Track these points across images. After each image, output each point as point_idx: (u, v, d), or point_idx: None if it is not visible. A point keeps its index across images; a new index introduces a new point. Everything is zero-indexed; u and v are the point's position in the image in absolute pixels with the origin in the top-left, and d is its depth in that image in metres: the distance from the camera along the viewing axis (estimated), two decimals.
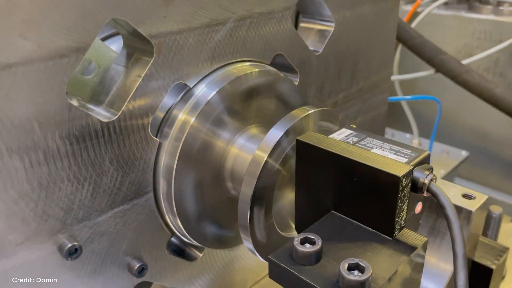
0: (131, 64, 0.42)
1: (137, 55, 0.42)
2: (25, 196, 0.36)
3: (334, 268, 0.31)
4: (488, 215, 0.61)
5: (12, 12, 0.31)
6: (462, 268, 0.31)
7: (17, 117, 0.34)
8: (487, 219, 0.61)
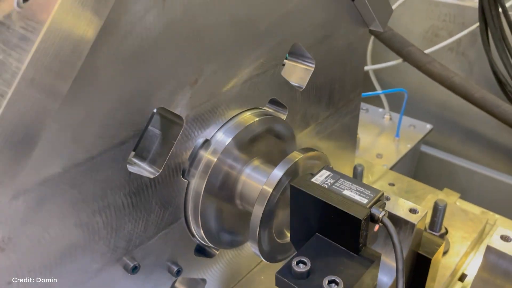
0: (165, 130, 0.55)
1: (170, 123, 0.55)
2: (104, 238, 0.51)
3: (319, 282, 0.47)
4: (435, 207, 0.78)
5: (89, 122, 0.45)
6: (401, 277, 0.47)
7: (97, 190, 0.48)
8: (434, 210, 0.78)
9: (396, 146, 1.35)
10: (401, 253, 0.48)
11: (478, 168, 1.52)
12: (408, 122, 1.46)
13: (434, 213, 0.77)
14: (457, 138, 1.56)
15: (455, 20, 1.45)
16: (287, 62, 0.70)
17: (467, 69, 1.47)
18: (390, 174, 1.10)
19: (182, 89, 0.52)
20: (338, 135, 0.86)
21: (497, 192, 1.49)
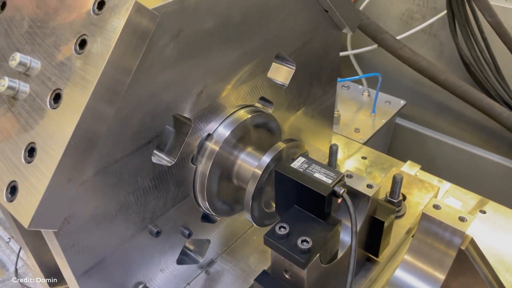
0: (178, 128, 0.71)
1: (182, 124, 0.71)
2: (135, 212, 0.67)
3: (295, 241, 0.64)
4: (393, 179, 0.95)
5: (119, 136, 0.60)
6: (354, 237, 0.65)
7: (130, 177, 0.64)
8: (393, 181, 0.95)
9: (372, 121, 1.52)
10: (355, 219, 0.66)
11: (447, 139, 1.69)
12: (384, 98, 1.62)
13: (393, 184, 0.94)
14: (429, 112, 1.73)
15: (428, 5, 1.58)
16: (273, 65, 0.85)
17: (439, 49, 1.62)
18: (364, 148, 1.27)
19: (192, 99, 0.68)
20: (319, 117, 1.02)
21: (463, 161, 1.67)
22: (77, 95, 0.51)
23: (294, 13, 0.80)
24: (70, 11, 0.55)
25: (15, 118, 0.56)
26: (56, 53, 0.55)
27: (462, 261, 0.70)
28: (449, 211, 0.70)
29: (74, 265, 0.62)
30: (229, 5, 0.66)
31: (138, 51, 0.53)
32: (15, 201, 0.53)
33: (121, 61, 0.51)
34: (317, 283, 0.69)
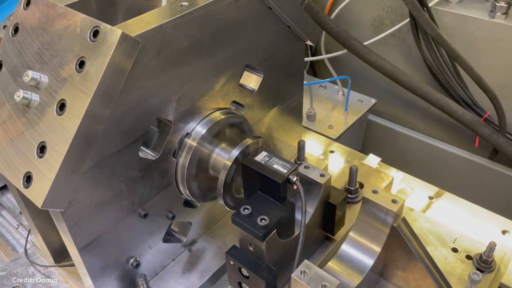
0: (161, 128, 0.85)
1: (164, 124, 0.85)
2: (126, 197, 0.82)
3: (255, 219, 0.79)
4: (350, 170, 1.10)
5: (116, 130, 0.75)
6: (304, 216, 0.79)
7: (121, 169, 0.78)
8: (350, 171, 1.10)
9: (345, 118, 1.66)
10: (305, 201, 0.80)
11: (415, 134, 1.84)
12: (357, 97, 1.76)
13: (350, 174, 1.09)
14: (399, 109, 1.87)
15: (395, 11, 1.72)
16: (244, 74, 0.99)
17: (406, 52, 1.76)
18: (334, 144, 1.41)
19: (171, 104, 0.82)
20: (289, 116, 1.16)
21: (428, 154, 1.81)
22: (78, 105, 0.65)
23: (260, 30, 0.94)
24: (71, 37, 0.69)
25: (29, 122, 0.71)
26: (61, 71, 0.69)
27: (395, 236, 0.85)
28: (384, 195, 0.84)
29: (76, 240, 0.76)
30: (200, 28, 0.80)
31: (125, 69, 0.67)
32: (30, 187, 0.67)
33: (112, 77, 0.66)
34: (277, 255, 0.84)
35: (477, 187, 1.66)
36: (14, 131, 0.72)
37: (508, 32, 1.51)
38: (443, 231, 1.03)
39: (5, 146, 0.72)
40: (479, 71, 1.53)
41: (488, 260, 0.94)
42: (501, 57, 1.55)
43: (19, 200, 0.91)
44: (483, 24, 1.55)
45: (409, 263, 0.88)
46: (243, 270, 0.85)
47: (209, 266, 1.00)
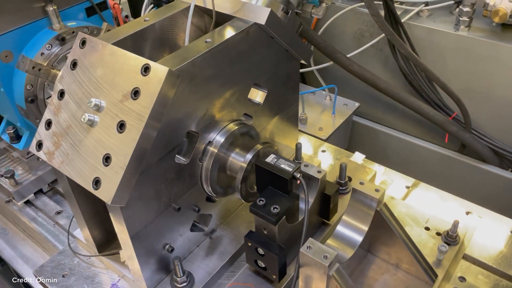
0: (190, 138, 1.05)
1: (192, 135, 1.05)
2: (164, 195, 1.01)
3: (269, 208, 0.99)
4: (340, 166, 1.31)
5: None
6: (307, 205, 1.00)
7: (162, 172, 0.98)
8: (340, 167, 1.31)
9: (333, 121, 1.88)
10: (307, 193, 1.01)
11: (394, 132, 2.06)
12: (343, 101, 1.98)
13: (340, 170, 1.30)
14: (380, 111, 2.09)
15: (374, 25, 1.93)
16: (251, 90, 1.19)
17: (384, 61, 1.98)
18: (325, 144, 1.62)
19: (198, 120, 1.02)
20: (287, 123, 1.36)
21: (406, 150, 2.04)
22: (136, 125, 0.85)
23: (264, 55, 1.14)
24: (125, 72, 0.89)
25: (93, 139, 0.90)
26: (119, 98, 0.88)
27: (378, 218, 1.06)
28: (369, 185, 1.05)
29: (129, 229, 0.96)
30: (220, 59, 1.00)
31: (169, 96, 0.87)
32: (99, 189, 0.86)
33: (160, 103, 0.85)
34: (285, 236, 1.04)
35: (448, 177, 1.89)
36: (81, 146, 0.91)
37: (470, 43, 1.75)
38: (418, 214, 1.25)
39: (73, 158, 0.91)
40: (447, 76, 1.76)
41: (453, 235, 1.17)
42: (465, 64, 1.78)
43: (73, 203, 1.10)
44: (449, 36, 1.78)
45: (391, 239, 1.10)
46: (259, 250, 1.05)
47: (227, 250, 1.20)
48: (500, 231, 1.25)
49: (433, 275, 1.10)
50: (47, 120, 0.98)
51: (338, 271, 0.92)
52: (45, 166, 1.58)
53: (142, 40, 1.09)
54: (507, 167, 1.84)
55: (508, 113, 1.76)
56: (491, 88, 1.77)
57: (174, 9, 1.14)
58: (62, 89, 0.97)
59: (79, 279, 1.19)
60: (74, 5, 1.45)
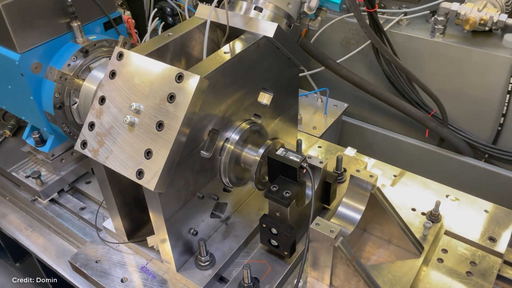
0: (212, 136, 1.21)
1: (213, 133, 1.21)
2: (191, 184, 1.17)
3: (282, 193, 1.16)
4: (337, 158, 1.48)
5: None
6: (313, 192, 1.17)
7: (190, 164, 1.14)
8: (337, 160, 1.49)
9: (325, 120, 2.05)
10: (313, 181, 1.18)
11: (380, 129, 2.25)
12: (333, 103, 2.16)
13: (337, 162, 1.47)
14: (366, 110, 2.28)
15: (359, 33, 2.12)
16: (260, 94, 1.36)
17: (369, 65, 2.18)
18: (319, 141, 1.80)
19: (218, 119, 1.18)
20: (288, 122, 1.54)
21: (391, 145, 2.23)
22: (173, 124, 1.01)
23: (271, 63, 1.31)
24: (161, 80, 1.04)
25: (135, 136, 1.05)
26: (156, 102, 1.04)
27: (373, 199, 1.23)
28: (364, 172, 1.23)
29: (164, 214, 1.11)
30: (237, 68, 1.16)
31: (200, 100, 1.03)
32: (142, 179, 1.02)
33: (193, 105, 1.01)
34: (294, 218, 1.21)
35: (429, 168, 2.08)
36: (124, 144, 1.06)
37: (445, 48, 1.95)
38: (405, 198, 1.44)
39: (117, 154, 1.07)
40: (425, 78, 1.96)
41: (436, 214, 1.35)
42: (441, 68, 1.99)
43: (109, 195, 1.25)
44: (426, 42, 1.98)
45: (383, 218, 1.27)
46: (273, 230, 1.21)
47: (241, 234, 1.36)
48: (475, 211, 1.45)
49: (420, 247, 1.28)
50: (90, 123, 1.13)
51: (342, 242, 1.10)
52: (67, 167, 1.71)
53: (165, 51, 1.25)
54: (481, 157, 2.05)
55: (480, 110, 1.97)
56: (464, 88, 1.98)
57: (191, 24, 1.30)
58: (103, 95, 1.12)
59: (111, 264, 1.34)
60: (93, 21, 1.60)
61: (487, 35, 1.94)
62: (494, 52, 1.85)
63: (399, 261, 1.27)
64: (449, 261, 1.30)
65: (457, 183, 1.59)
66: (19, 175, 1.70)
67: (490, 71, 1.87)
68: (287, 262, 1.27)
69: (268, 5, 1.28)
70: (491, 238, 1.35)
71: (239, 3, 1.30)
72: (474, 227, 1.39)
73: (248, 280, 1.18)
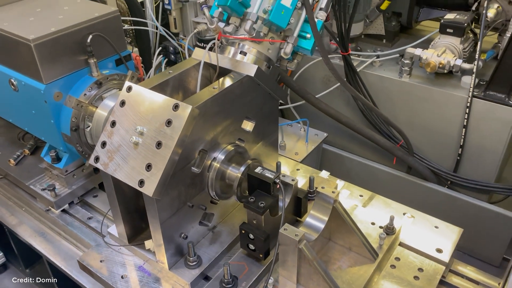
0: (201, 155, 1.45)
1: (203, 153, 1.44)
2: (182, 194, 1.40)
3: (258, 203, 1.39)
4: (310, 178, 1.71)
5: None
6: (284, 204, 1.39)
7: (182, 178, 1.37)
8: (309, 180, 1.72)
9: (306, 147, 2.29)
10: (284, 195, 1.41)
11: (356, 157, 2.49)
12: (314, 132, 2.40)
13: (309, 181, 1.70)
14: (344, 140, 2.53)
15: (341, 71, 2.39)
16: (243, 121, 1.60)
17: (346, 100, 2.43)
18: (299, 164, 2.03)
19: (207, 141, 1.42)
20: (269, 147, 1.78)
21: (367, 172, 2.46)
22: (169, 144, 1.25)
23: (253, 96, 1.56)
24: (161, 108, 1.29)
25: (138, 153, 1.29)
26: (156, 126, 1.28)
27: (335, 212, 1.46)
28: (328, 189, 1.46)
29: (160, 218, 1.34)
30: (223, 100, 1.41)
31: (192, 124, 1.28)
32: (143, 187, 1.25)
33: (186, 129, 1.26)
34: (268, 226, 1.43)
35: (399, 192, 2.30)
36: (129, 159, 1.30)
37: (411, 87, 2.21)
38: (367, 214, 1.66)
39: (124, 167, 1.30)
40: (395, 113, 2.21)
41: (391, 227, 1.57)
42: (408, 104, 2.24)
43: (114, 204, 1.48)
44: (395, 82, 2.25)
45: (344, 229, 1.49)
46: (250, 235, 1.43)
47: (225, 240, 1.58)
48: (427, 226, 1.67)
49: (375, 255, 1.50)
50: (102, 142, 1.37)
51: (306, 245, 1.31)
52: (78, 182, 1.94)
53: (166, 85, 1.51)
54: (444, 184, 2.28)
55: (442, 141, 2.21)
56: (428, 122, 2.22)
57: (188, 64, 1.56)
58: (114, 120, 1.37)
59: (113, 263, 1.55)
60: (107, 58, 1.87)
61: (448, 76, 2.21)
62: (452, 92, 2.11)
63: (357, 266, 1.49)
64: (400, 267, 1.51)
65: (423, 207, 1.80)
66: (36, 188, 1.93)
67: (449, 108, 2.12)
68: (262, 264, 1.48)
69: (251, 50, 1.54)
70: (438, 249, 1.56)
71: (228, 48, 1.57)
72: (425, 240, 1.60)
73: (227, 276, 1.39)
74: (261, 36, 1.52)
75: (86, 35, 1.72)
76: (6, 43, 1.69)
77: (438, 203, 2.22)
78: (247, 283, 1.42)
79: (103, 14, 1.78)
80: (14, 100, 1.85)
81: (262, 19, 1.50)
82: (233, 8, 1.47)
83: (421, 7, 2.44)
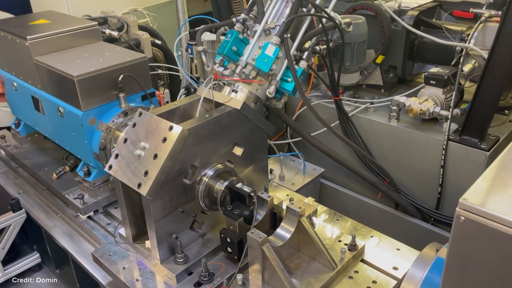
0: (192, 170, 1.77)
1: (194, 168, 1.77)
2: (175, 200, 1.71)
3: (234, 211, 1.67)
4: (290, 199, 1.97)
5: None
6: (255, 214, 1.67)
7: (174, 187, 1.69)
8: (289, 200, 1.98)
9: (303, 179, 2.56)
10: (257, 206, 1.68)
11: (351, 192, 2.71)
12: (312, 167, 2.67)
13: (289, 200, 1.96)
14: (341, 175, 2.76)
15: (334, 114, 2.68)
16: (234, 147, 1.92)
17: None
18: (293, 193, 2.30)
19: (197, 159, 1.74)
20: (259, 171, 2.07)
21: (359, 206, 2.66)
22: (163, 156, 1.58)
23: (241, 126, 1.88)
24: (160, 129, 1.64)
25: (140, 163, 1.63)
26: (155, 142, 1.63)
27: (300, 226, 1.71)
28: (297, 204, 1.72)
29: (154, 216, 1.65)
30: (213, 126, 1.75)
31: (182, 142, 1.61)
32: (140, 188, 1.58)
33: (177, 145, 1.59)
34: (243, 233, 1.70)
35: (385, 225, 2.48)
36: (133, 167, 1.65)
37: (398, 131, 2.45)
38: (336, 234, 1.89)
39: (128, 173, 1.65)
40: (385, 153, 2.45)
41: (352, 244, 1.79)
42: (395, 145, 2.47)
43: (123, 208, 1.81)
44: (384, 126, 2.50)
45: (309, 240, 1.73)
46: (227, 239, 1.71)
47: (212, 245, 1.85)
48: (390, 248, 1.86)
49: (334, 265, 1.71)
50: (115, 154, 1.73)
51: (267, 247, 1.57)
52: (103, 194, 2.31)
53: (172, 114, 1.87)
54: (428, 220, 2.44)
55: (424, 180, 2.40)
56: (414, 162, 2.43)
57: (192, 98, 1.92)
58: (126, 137, 1.74)
59: (119, 257, 1.87)
60: (134, 94, 2.28)
61: (433, 123, 2.43)
62: (432, 135, 2.32)
63: (318, 274, 1.71)
64: (357, 278, 1.71)
65: (407, 240, 1.97)
66: (69, 197, 2.32)
67: (430, 150, 2.33)
68: (237, 264, 1.74)
69: (243, 90, 1.88)
70: (395, 267, 1.75)
71: (225, 87, 1.92)
72: (385, 259, 1.80)
73: (204, 270, 1.66)
74: (250, 78, 1.87)
75: (118, 74, 2.14)
76: (57, 78, 2.15)
77: (423, 238, 2.38)
78: (221, 278, 1.68)
79: (133, 59, 2.22)
80: (60, 124, 2.28)
81: (251, 65, 1.85)
82: (229, 55, 1.84)
83: (415, 62, 2.72)
